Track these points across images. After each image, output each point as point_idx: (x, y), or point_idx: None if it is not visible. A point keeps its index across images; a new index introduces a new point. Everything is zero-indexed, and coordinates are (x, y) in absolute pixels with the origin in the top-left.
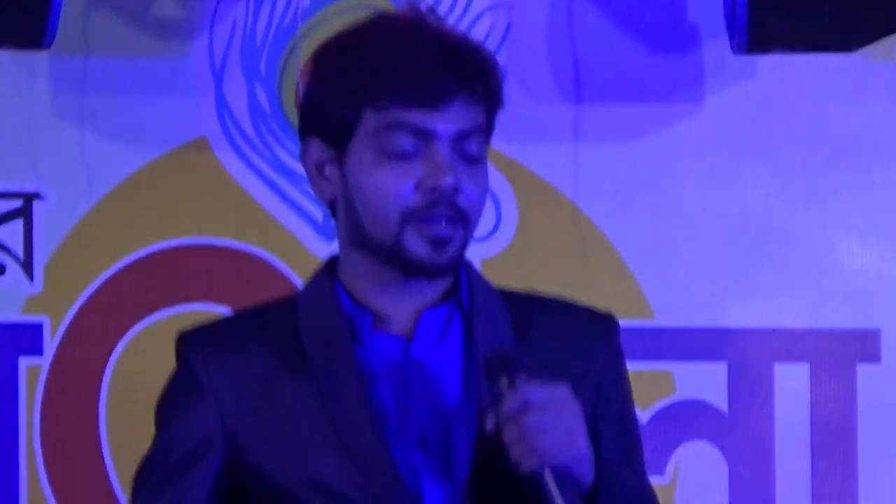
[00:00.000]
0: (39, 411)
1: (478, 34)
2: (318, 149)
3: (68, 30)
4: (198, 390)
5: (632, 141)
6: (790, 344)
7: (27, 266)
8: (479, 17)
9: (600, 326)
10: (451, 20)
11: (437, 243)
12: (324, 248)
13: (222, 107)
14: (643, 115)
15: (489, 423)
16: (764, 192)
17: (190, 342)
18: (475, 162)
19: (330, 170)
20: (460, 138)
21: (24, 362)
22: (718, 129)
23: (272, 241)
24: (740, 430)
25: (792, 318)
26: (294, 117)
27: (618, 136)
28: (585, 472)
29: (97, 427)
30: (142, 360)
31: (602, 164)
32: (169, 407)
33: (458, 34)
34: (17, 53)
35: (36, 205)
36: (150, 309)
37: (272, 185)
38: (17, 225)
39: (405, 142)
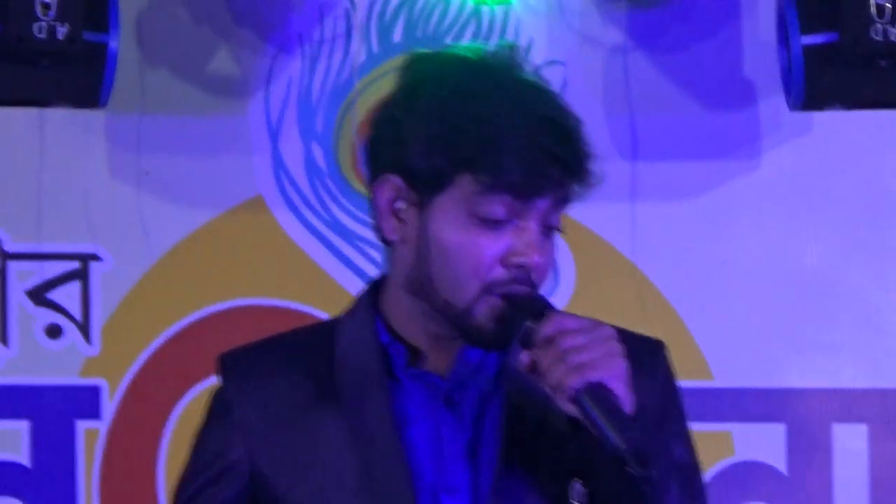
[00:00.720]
0: (98, 475)
1: None
2: (398, 189)
3: (124, 88)
4: (228, 418)
5: (689, 198)
6: (849, 404)
7: (84, 328)
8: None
9: (657, 350)
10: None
11: (504, 320)
12: None
13: (279, 165)
14: (700, 172)
15: (523, 359)
16: (821, 250)
17: (227, 367)
18: (551, 232)
19: (407, 214)
20: (549, 211)
21: (83, 426)
22: (775, 185)
23: (329, 300)
24: (799, 492)
25: (850, 377)
26: (351, 176)
27: (675, 193)
28: (627, 399)
29: (156, 491)
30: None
31: (659, 221)
32: (203, 430)
33: (553, 94)
34: (73, 112)
35: (93, 266)
36: (208, 371)
37: (329, 245)
38: (75, 287)
39: (500, 211)
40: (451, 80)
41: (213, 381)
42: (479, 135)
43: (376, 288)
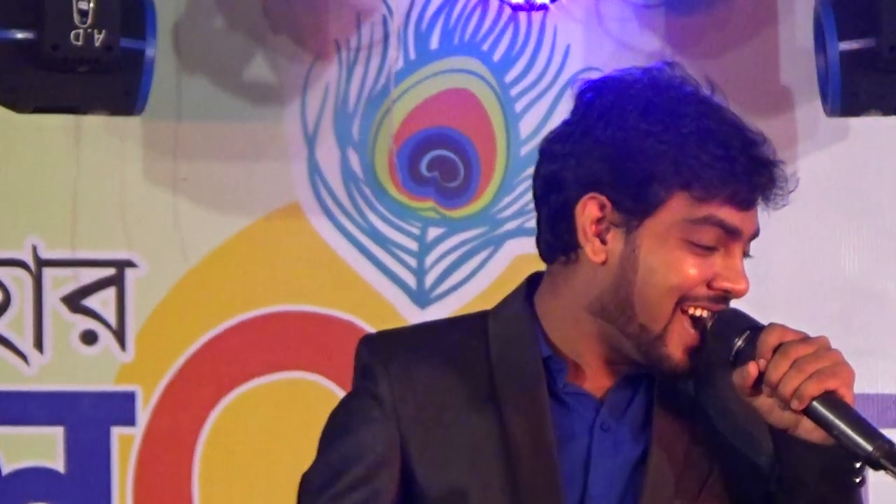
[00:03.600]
0: (132, 481)
1: (570, 97)
2: (602, 208)
3: (160, 94)
4: (379, 406)
5: None
6: (886, 410)
7: (119, 335)
8: (572, 79)
9: None
10: (542, 84)
11: (693, 351)
12: (418, 315)
13: (315, 172)
14: None
15: (751, 370)
16: (858, 258)
17: (376, 352)
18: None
19: (613, 235)
20: (751, 239)
21: (117, 432)
22: (811, 192)
23: (366, 307)
24: None
25: (888, 383)
26: (387, 182)
27: None
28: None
29: (191, 498)
30: (235, 429)
31: None
32: (348, 420)
33: (744, 120)
34: (110, 119)
35: (128, 273)
36: (243, 378)
37: (365, 251)
38: (110, 293)
39: (712, 237)
40: (649, 100)
41: (249, 388)
42: (693, 155)
43: (531, 293)
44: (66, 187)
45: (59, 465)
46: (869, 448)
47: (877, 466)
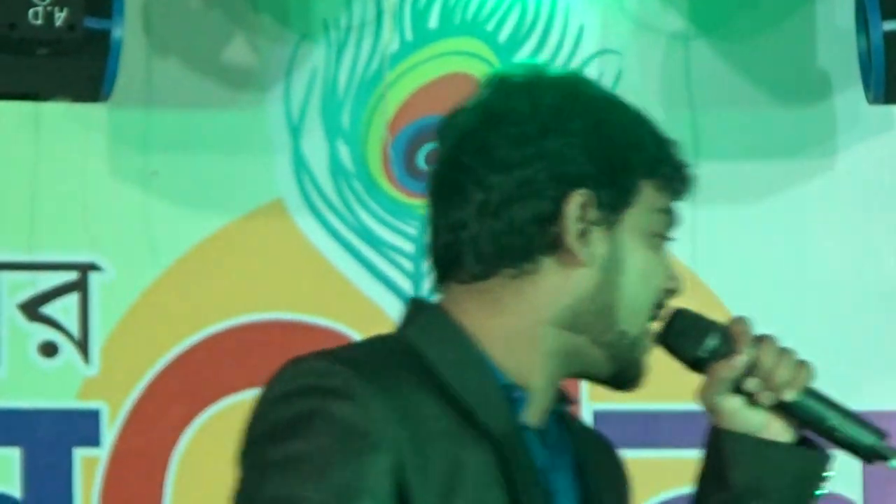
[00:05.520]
0: None
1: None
2: (584, 206)
3: (129, 80)
4: (366, 441)
5: (756, 201)
6: None
7: (83, 346)
8: (586, 62)
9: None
10: (556, 66)
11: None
12: None
13: (300, 165)
14: (768, 172)
15: (744, 358)
16: None
17: (355, 386)
18: None
19: (595, 234)
20: None
21: (80, 453)
22: (852, 187)
23: (356, 316)
24: None
25: None
26: (380, 177)
27: (740, 196)
28: None
29: None
30: (211, 450)
31: (723, 227)
32: (344, 447)
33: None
34: (73, 106)
35: (93, 277)
36: (220, 394)
37: (356, 254)
38: (72, 300)
39: (668, 230)
40: (591, 92)
41: (227, 405)
42: (659, 140)
43: (443, 315)
44: (24, 182)
45: (15, 489)
46: (871, 439)
47: (878, 458)
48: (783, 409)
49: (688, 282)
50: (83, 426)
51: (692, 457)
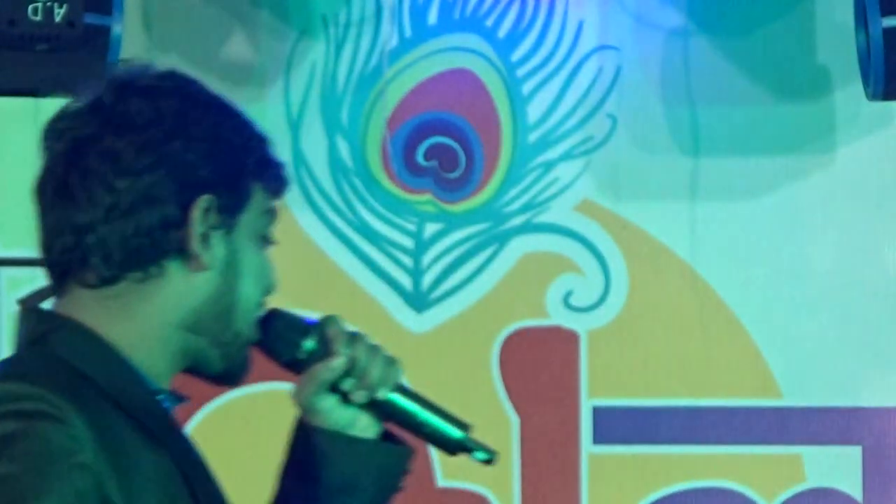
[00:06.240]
0: None
1: (583, 79)
2: (207, 211)
3: None
4: (74, 460)
5: (755, 197)
6: None
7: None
8: (585, 58)
9: None
10: (552, 64)
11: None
12: (414, 320)
13: (300, 161)
14: (767, 168)
15: (343, 358)
16: None
17: (53, 407)
18: None
19: (215, 239)
20: None
21: None
22: (852, 183)
23: (356, 312)
24: None
25: None
26: (379, 173)
27: (739, 192)
28: None
29: None
30: (207, 447)
31: (722, 222)
32: (45, 478)
33: None
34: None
35: None
36: (217, 390)
37: (356, 250)
38: None
39: (271, 229)
40: (202, 96)
41: (221, 403)
42: (262, 142)
43: (79, 325)
44: (24, 178)
45: None
46: (458, 433)
47: (463, 451)
48: (376, 407)
49: (687, 277)
50: None
51: (691, 452)
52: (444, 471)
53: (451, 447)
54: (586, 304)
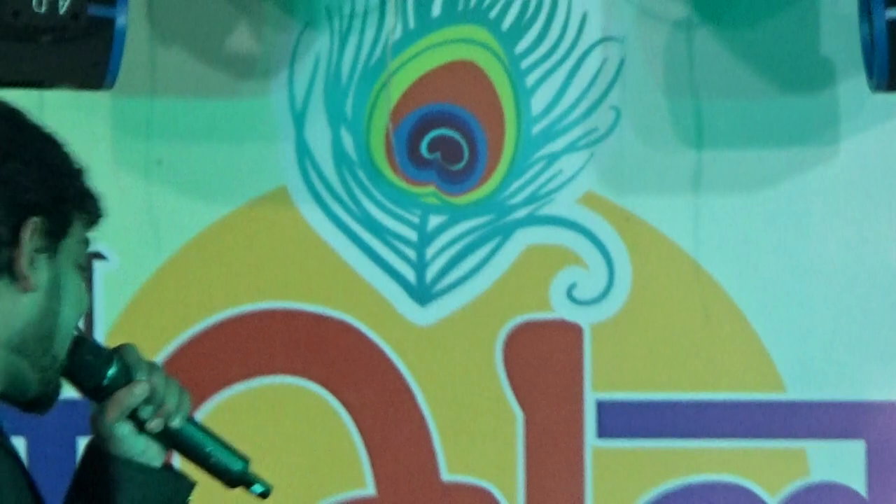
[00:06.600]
0: None
1: (587, 71)
2: (34, 233)
3: (132, 68)
4: None
5: (759, 190)
6: None
7: (86, 334)
8: (589, 50)
9: None
10: (556, 56)
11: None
12: (418, 314)
13: (304, 153)
14: (771, 161)
15: (147, 385)
16: None
17: None
18: None
19: (41, 262)
20: None
21: (84, 443)
22: (856, 176)
23: (360, 305)
24: None
25: None
26: (384, 166)
27: (743, 184)
28: None
29: None
30: None
31: (726, 216)
32: None
33: None
34: (76, 94)
35: (96, 266)
36: (223, 383)
37: (359, 242)
38: None
39: (85, 258)
40: (35, 125)
41: (231, 394)
42: (79, 174)
43: None
44: None
45: None
46: (239, 465)
47: (242, 484)
48: (167, 436)
49: (691, 270)
50: (87, 416)
51: (694, 446)
52: (449, 465)
53: (232, 479)
54: (590, 298)
